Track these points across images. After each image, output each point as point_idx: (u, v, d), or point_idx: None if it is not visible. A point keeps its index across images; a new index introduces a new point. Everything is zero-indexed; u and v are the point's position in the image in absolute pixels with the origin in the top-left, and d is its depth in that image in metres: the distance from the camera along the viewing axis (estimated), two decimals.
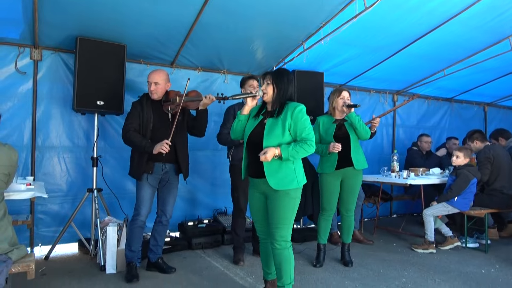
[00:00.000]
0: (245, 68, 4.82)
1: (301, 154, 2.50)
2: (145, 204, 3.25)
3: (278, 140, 2.50)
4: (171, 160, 3.30)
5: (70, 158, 4.01)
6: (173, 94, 3.32)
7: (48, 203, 3.87)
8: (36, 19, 3.32)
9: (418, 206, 5.38)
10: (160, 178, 3.30)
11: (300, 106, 2.55)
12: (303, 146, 2.48)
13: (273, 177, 2.50)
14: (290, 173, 2.52)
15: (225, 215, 4.64)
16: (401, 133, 6.35)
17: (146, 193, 3.24)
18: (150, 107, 3.28)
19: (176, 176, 3.42)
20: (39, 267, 3.41)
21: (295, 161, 2.56)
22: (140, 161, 3.21)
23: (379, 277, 3.41)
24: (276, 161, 2.50)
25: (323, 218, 3.69)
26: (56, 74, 3.90)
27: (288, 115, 2.52)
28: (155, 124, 3.25)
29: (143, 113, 3.24)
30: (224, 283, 3.20)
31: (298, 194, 2.58)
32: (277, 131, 2.51)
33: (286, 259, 2.55)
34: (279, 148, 2.45)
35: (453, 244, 4.29)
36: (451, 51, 4.72)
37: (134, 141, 3.16)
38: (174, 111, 3.25)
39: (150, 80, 3.28)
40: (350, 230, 3.75)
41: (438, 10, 3.76)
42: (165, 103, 3.30)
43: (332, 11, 3.59)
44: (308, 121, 2.56)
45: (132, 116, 3.25)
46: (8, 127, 3.68)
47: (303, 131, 2.51)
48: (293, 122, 2.52)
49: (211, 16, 3.53)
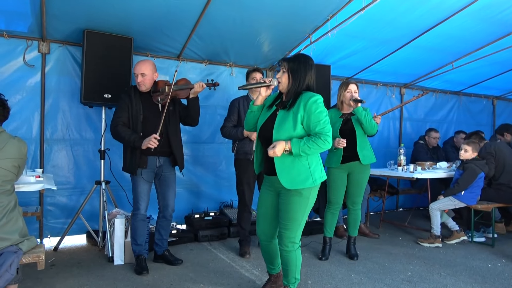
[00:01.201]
0: (251, 61, 4.81)
1: (314, 150, 2.26)
2: (143, 198, 3.22)
3: (289, 134, 2.29)
4: (165, 153, 3.23)
5: (78, 151, 4.05)
6: (161, 84, 3.25)
7: (56, 195, 3.92)
8: (44, 12, 3.34)
9: (425, 200, 5.36)
10: (155, 172, 3.25)
11: (315, 96, 2.32)
12: (317, 141, 2.24)
13: (285, 175, 2.31)
14: (304, 170, 2.32)
15: (231, 208, 4.67)
16: (408, 126, 6.32)
17: (142, 188, 3.20)
18: (139, 99, 3.18)
19: (172, 168, 3.36)
20: (49, 258, 3.47)
21: (310, 157, 2.34)
22: (133, 156, 3.14)
23: (385, 270, 3.42)
24: (288, 157, 2.31)
25: (330, 212, 3.69)
26: (63, 67, 3.92)
27: (301, 107, 2.30)
28: (145, 116, 3.15)
29: (132, 105, 3.14)
30: (231, 275, 3.23)
31: (313, 194, 2.38)
32: (288, 124, 2.31)
33: (293, 260, 2.44)
34: (290, 143, 2.26)
35: (459, 238, 4.29)
36: (460, 43, 4.67)
37: (123, 136, 3.08)
38: (164, 102, 3.16)
39: (137, 71, 3.18)
40: (356, 223, 3.74)
41: (446, 2, 3.72)
42: (154, 94, 3.22)
43: (339, 4, 3.56)
44: (323, 113, 2.31)
45: (120, 110, 3.14)
46: (17, 119, 3.72)
47: (317, 125, 2.28)
48: (306, 115, 2.29)
49: (218, 9, 3.52)
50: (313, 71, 2.44)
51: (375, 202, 5.46)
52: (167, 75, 4.32)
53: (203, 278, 3.16)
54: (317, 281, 3.13)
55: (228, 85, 4.74)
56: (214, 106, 4.70)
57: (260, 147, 2.53)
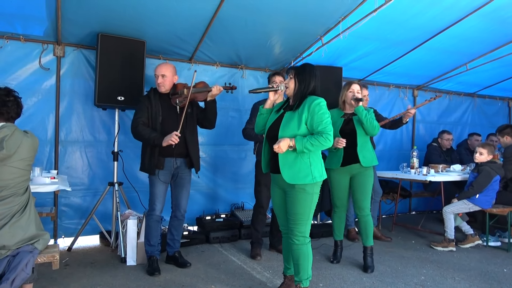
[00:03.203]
0: (262, 63, 4.82)
1: (316, 147, 2.47)
2: (159, 199, 3.27)
3: (293, 132, 2.50)
4: (182, 155, 3.29)
5: (91, 153, 4.11)
6: (180, 86, 3.31)
7: (71, 196, 3.98)
8: (59, 17, 3.40)
9: (438, 203, 5.28)
10: (172, 174, 3.31)
11: (319, 99, 2.54)
12: (319, 138, 2.45)
13: (287, 170, 2.50)
14: (305, 167, 2.51)
15: (242, 210, 4.68)
16: (421, 128, 6.24)
17: (159, 189, 3.26)
18: (158, 100, 3.26)
19: (188, 170, 3.40)
20: (62, 258, 3.52)
21: (311, 156, 2.53)
22: (151, 156, 3.21)
23: (397, 274, 3.38)
24: (291, 154, 2.50)
25: (336, 215, 3.64)
26: (78, 70, 3.99)
27: (306, 108, 2.52)
28: (164, 117, 3.23)
29: (151, 106, 3.22)
30: (242, 277, 3.23)
31: (315, 190, 2.56)
32: (293, 123, 2.52)
33: (304, 254, 2.56)
34: (294, 140, 2.45)
35: (474, 242, 4.22)
36: (474, 45, 4.61)
37: (143, 134, 3.14)
38: (183, 104, 3.22)
39: (158, 72, 3.27)
40: (367, 231, 3.48)
41: (460, 3, 3.67)
42: (173, 96, 3.29)
43: (351, 5, 3.55)
44: (326, 115, 2.53)
45: (140, 111, 3.22)
46: (33, 121, 3.79)
47: (319, 124, 2.49)
48: (310, 115, 2.50)
49: (229, 12, 3.54)
50: (317, 78, 2.66)
51: (388, 205, 5.40)
52: (180, 77, 4.35)
53: (214, 279, 3.17)
54: (328, 284, 3.11)
55: (239, 87, 4.75)
56: (225, 108, 4.71)
57: (268, 147, 2.67)
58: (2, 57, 3.64)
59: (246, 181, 4.78)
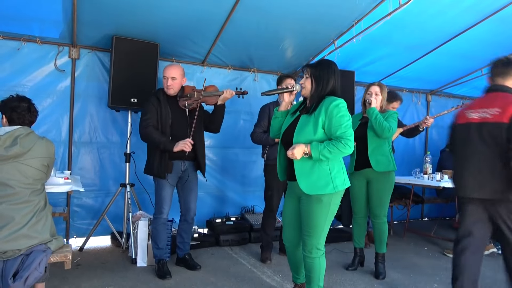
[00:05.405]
0: (274, 67, 4.82)
1: (334, 155, 2.22)
2: (166, 203, 3.26)
3: (309, 137, 2.26)
4: (190, 158, 3.25)
5: (104, 154, 4.14)
6: (189, 89, 3.28)
7: (83, 196, 4.02)
8: (75, 20, 3.45)
9: (451, 209, 5.21)
10: (179, 176, 3.29)
11: (337, 100, 2.27)
12: (337, 145, 2.20)
13: (305, 180, 2.28)
14: (324, 175, 2.27)
15: (253, 213, 4.67)
16: (434, 134, 6.17)
17: (167, 192, 3.23)
18: (167, 102, 3.20)
19: (195, 173, 3.39)
20: (74, 258, 3.55)
21: (331, 162, 2.29)
22: (162, 160, 3.16)
23: (410, 281, 3.33)
24: (308, 162, 2.27)
25: (355, 222, 3.57)
26: (92, 72, 4.03)
27: (323, 111, 2.27)
28: (173, 120, 3.18)
29: (160, 108, 3.16)
30: (251, 281, 3.22)
31: (334, 200, 2.32)
32: (309, 128, 2.28)
33: (316, 267, 2.39)
34: (309, 146, 2.23)
35: (489, 250, 4.14)
36: (490, 49, 4.51)
37: (154, 137, 3.09)
38: (192, 107, 3.19)
39: (167, 74, 3.18)
40: (381, 238, 3.44)
41: (477, 6, 3.62)
42: (181, 99, 3.24)
43: (365, 9, 3.53)
44: (345, 118, 2.26)
45: (149, 112, 3.14)
46: (48, 122, 3.85)
47: (338, 129, 2.23)
48: (327, 119, 2.25)
49: (242, 15, 3.54)
50: (336, 76, 2.39)
51: (400, 210, 5.33)
52: (192, 80, 4.38)
53: (224, 282, 3.16)
54: None
55: (251, 91, 4.75)
56: (237, 111, 4.72)
57: (284, 153, 2.47)
58: (18, 59, 3.70)
59: (257, 184, 4.77)
